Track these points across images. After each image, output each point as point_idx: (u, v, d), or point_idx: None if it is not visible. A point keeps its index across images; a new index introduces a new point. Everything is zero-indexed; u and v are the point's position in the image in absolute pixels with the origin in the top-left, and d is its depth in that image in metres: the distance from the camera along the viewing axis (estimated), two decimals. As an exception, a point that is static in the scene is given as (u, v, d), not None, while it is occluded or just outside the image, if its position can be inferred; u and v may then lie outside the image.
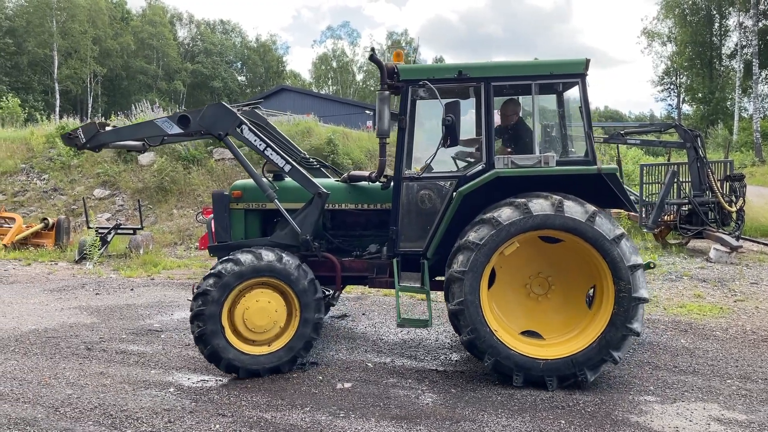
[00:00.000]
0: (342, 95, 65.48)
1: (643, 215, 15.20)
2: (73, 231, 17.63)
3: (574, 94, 6.37)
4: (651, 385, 5.97)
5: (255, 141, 6.48)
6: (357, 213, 6.98)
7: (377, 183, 6.81)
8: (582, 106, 6.13)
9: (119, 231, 15.85)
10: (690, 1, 49.29)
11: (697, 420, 5.14)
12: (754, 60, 35.65)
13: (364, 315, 9.18)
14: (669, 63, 54.81)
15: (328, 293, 7.59)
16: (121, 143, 7.42)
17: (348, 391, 5.88)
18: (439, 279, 6.64)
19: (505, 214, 5.68)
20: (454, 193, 6.10)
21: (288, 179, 6.80)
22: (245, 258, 6.12)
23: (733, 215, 14.04)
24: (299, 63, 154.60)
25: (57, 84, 53.04)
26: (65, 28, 53.42)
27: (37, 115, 32.96)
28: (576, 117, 6.33)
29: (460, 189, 5.99)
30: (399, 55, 6.54)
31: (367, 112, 35.16)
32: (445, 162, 6.70)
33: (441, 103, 5.94)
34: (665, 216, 14.77)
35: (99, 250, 14.93)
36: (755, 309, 9.16)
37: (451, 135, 5.92)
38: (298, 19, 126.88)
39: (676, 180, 14.57)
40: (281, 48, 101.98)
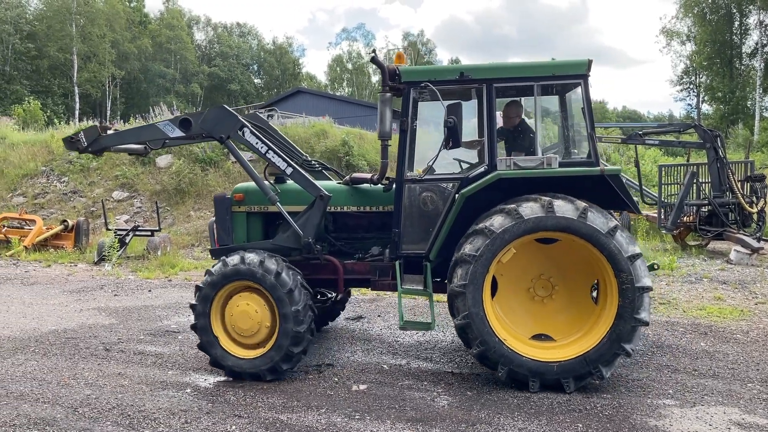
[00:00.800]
0: (357, 97, 65.60)
1: (662, 216, 15.04)
2: (92, 233, 17.84)
3: (578, 94, 6.31)
4: (670, 389, 5.89)
5: (257, 144, 6.48)
6: (359, 215, 6.95)
7: (379, 185, 6.78)
8: (585, 107, 6.09)
9: (137, 233, 16.01)
10: (709, 0, 48.74)
11: (717, 424, 5.06)
12: (775, 58, 35.16)
13: (379, 317, 9.18)
14: (688, 62, 54.28)
15: (330, 296, 7.57)
16: (123, 147, 7.40)
17: (363, 393, 5.87)
18: (441, 281, 6.59)
19: (497, 222, 5.66)
20: (456, 195, 6.07)
21: (290, 182, 6.79)
22: (216, 267, 6.23)
23: (754, 216, 13.85)
24: (315, 65, 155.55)
25: (77, 87, 53.75)
26: (84, 32, 54.11)
27: (57, 119, 33.43)
28: (580, 118, 6.28)
29: (462, 191, 5.96)
30: (401, 57, 6.53)
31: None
32: (447, 164, 6.68)
33: (443, 105, 5.90)
34: (684, 217, 14.60)
35: (117, 251, 15.09)
36: (777, 312, 9.01)
37: (453, 137, 5.87)
38: (313, 22, 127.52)
39: (695, 181, 14.40)
40: (297, 50, 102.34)
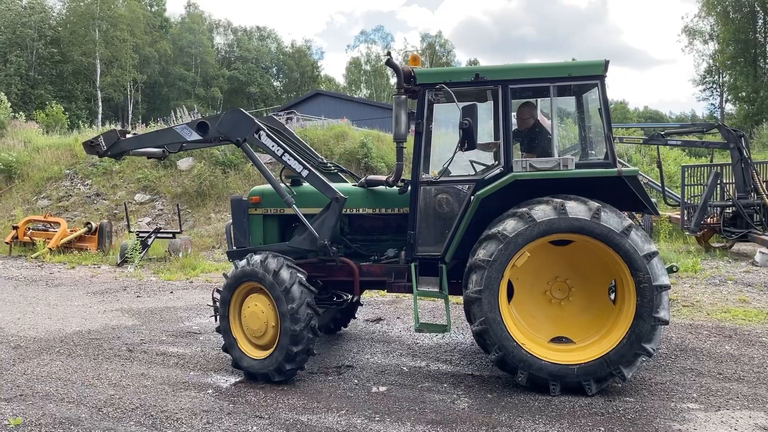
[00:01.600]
0: (376, 99, 65.62)
1: (685, 218, 14.86)
2: (115, 235, 18.09)
3: (595, 95, 6.24)
4: (694, 393, 5.81)
5: (272, 146, 6.53)
6: (374, 217, 6.96)
7: (394, 187, 6.79)
8: (601, 108, 6.03)
9: (159, 235, 16.21)
10: (733, -2, 48.07)
11: (743, 429, 4.98)
12: (800, 57, 34.53)
13: (398, 318, 9.18)
14: (711, 61, 53.51)
15: (346, 298, 7.58)
16: (142, 150, 7.53)
17: (383, 395, 5.88)
18: (457, 283, 6.55)
19: (510, 226, 5.63)
20: (471, 197, 6.04)
21: (306, 184, 6.82)
22: (231, 270, 6.38)
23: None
24: (333, 68, 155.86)
25: (99, 92, 54.51)
26: (107, 37, 54.85)
27: (80, 123, 33.94)
28: (597, 119, 6.22)
29: (477, 193, 5.94)
30: (416, 60, 6.51)
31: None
32: (464, 165, 6.64)
33: (458, 107, 5.87)
34: (708, 219, 14.41)
35: (140, 253, 15.28)
36: (804, 314, 8.84)
37: (468, 138, 5.83)
38: (331, 25, 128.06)
39: (719, 181, 14.22)
40: (316, 53, 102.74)
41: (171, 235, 16.16)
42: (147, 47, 60.59)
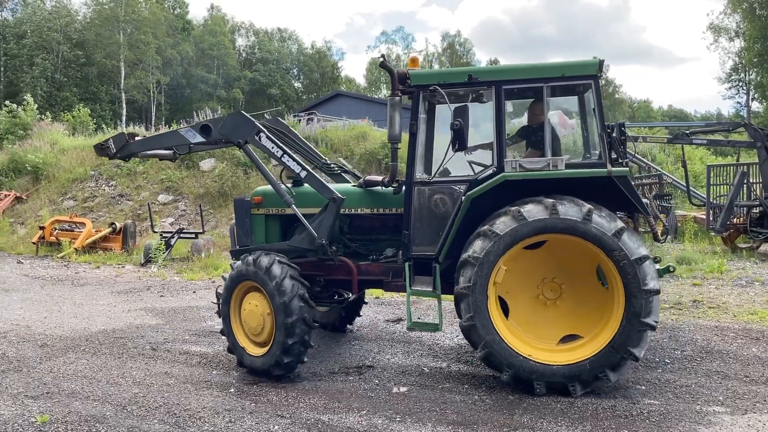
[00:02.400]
0: (397, 99, 65.52)
1: (711, 218, 14.63)
2: (139, 235, 18.33)
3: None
4: (720, 395, 5.71)
5: (272, 148, 6.65)
6: (372, 217, 7.01)
7: (390, 187, 6.83)
8: (595, 108, 6.01)
9: (182, 235, 16.37)
10: (759, -6, 47.15)
11: (771, 433, 4.89)
12: (830, 54, 33.77)
13: (419, 319, 9.16)
14: (737, 59, 52.56)
15: (346, 296, 7.60)
16: (151, 152, 7.77)
17: (404, 396, 5.87)
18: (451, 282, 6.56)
19: (501, 224, 5.62)
20: (463, 198, 6.04)
21: (306, 185, 6.90)
22: (229, 273, 6.58)
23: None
24: (353, 68, 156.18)
25: (123, 94, 55.22)
26: (131, 39, 55.57)
27: (105, 124, 34.45)
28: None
29: (468, 193, 5.95)
30: (415, 62, 6.54)
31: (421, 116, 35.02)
32: (460, 166, 6.63)
33: (450, 108, 5.88)
34: (734, 219, 14.18)
35: (163, 253, 15.46)
36: (834, 317, 8.65)
37: (460, 139, 5.84)
38: (351, 26, 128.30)
39: (746, 181, 13.98)
40: (336, 54, 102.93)
41: (194, 236, 16.33)
42: (169, 49, 61.26)
